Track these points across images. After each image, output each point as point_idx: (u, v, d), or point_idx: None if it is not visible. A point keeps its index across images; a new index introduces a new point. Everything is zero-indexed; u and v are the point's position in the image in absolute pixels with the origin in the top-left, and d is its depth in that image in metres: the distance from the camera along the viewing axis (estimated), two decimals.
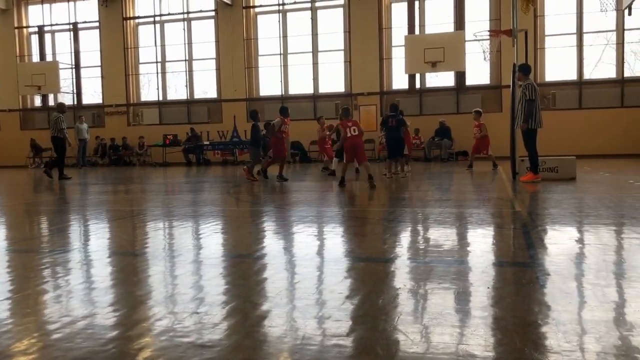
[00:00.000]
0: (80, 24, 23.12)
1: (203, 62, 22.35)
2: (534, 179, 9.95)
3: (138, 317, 2.95)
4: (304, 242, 5.14)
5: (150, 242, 5.43)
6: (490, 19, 19.41)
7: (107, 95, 22.93)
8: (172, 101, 22.75)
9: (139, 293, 3.46)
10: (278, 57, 21.47)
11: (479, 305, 2.99)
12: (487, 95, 19.73)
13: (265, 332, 2.66)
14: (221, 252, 4.84)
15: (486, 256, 4.31)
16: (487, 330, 2.60)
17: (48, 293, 3.50)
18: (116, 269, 4.28)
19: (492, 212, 6.78)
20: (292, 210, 7.43)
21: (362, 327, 2.67)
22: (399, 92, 20.43)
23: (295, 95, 21.46)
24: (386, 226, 5.88)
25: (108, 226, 6.67)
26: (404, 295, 3.20)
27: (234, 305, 3.09)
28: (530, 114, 9.81)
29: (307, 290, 3.36)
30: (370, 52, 20.28)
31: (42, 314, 3.07)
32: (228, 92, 21.67)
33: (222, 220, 6.90)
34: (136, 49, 22.99)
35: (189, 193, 10.15)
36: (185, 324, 2.77)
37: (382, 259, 4.28)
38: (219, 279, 3.82)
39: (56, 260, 4.52)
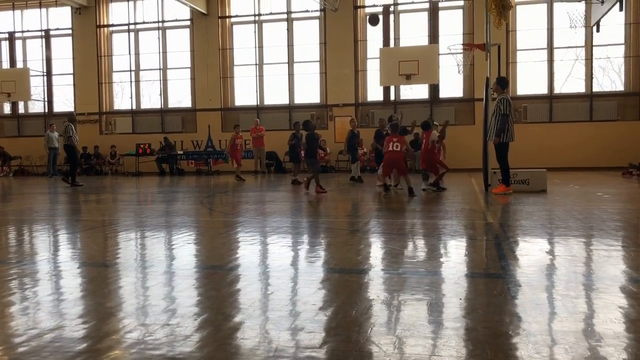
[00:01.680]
0: (52, 30, 22.81)
1: (178, 71, 22.22)
2: (505, 191, 10.09)
3: (108, 329, 2.90)
4: (277, 253, 5.12)
5: (121, 253, 5.34)
6: (464, 33, 19.74)
7: (80, 103, 22.61)
8: (146, 110, 22.53)
9: (109, 305, 3.39)
10: (254, 67, 21.47)
11: (451, 316, 3.01)
12: (460, 107, 20.01)
13: (237, 344, 2.63)
14: (194, 263, 4.79)
15: (459, 267, 4.35)
16: (459, 342, 2.62)
17: (15, 305, 3.41)
18: (86, 280, 4.20)
19: (465, 223, 6.85)
20: (265, 221, 7.40)
21: (336, 339, 2.66)
22: (374, 103, 20.58)
23: (270, 106, 21.45)
24: (360, 237, 5.89)
25: (78, 236, 6.55)
26: (378, 306, 3.21)
27: (206, 317, 3.06)
28: (503, 128, 9.96)
29: (281, 302, 3.34)
30: (345, 63, 20.41)
31: (8, 327, 2.99)
32: (203, 102, 21.56)
33: (195, 230, 6.84)
34: (110, 57, 22.75)
35: (161, 203, 10.03)
36: (156, 336, 2.73)
37: (356, 270, 4.28)
38: (191, 290, 3.77)
39: (24, 271, 4.41)
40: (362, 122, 20.13)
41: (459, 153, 19.01)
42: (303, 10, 20.93)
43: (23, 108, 23.72)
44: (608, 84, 20.12)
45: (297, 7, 20.96)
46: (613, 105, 19.08)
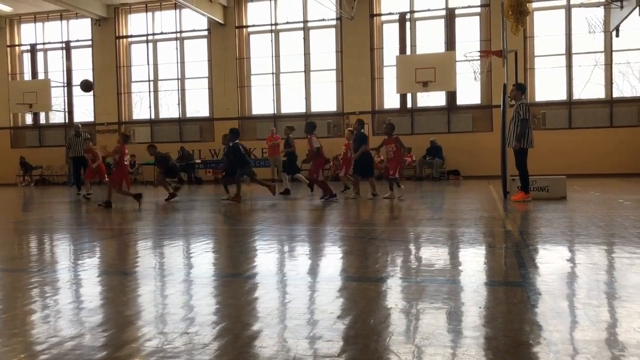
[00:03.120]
0: (72, 42, 23.17)
1: (195, 80, 22.42)
2: (524, 198, 9.99)
3: (127, 337, 2.92)
4: (295, 261, 5.12)
5: (140, 261, 5.38)
6: (481, 40, 19.66)
7: (99, 113, 22.90)
8: (164, 120, 22.75)
9: (128, 313, 3.42)
10: (270, 76, 21.59)
11: (470, 325, 2.98)
12: (477, 114, 19.90)
13: (256, 352, 2.63)
14: (212, 271, 4.81)
15: (478, 275, 4.31)
16: (478, 351, 2.59)
17: (36, 313, 3.45)
18: (105, 289, 4.24)
19: (484, 231, 6.79)
20: (283, 229, 7.41)
21: (354, 348, 2.65)
22: (390, 111, 20.56)
23: (287, 114, 21.53)
24: (378, 245, 5.87)
25: (97, 245, 6.62)
26: (396, 315, 3.19)
27: (224, 326, 3.06)
28: (523, 133, 9.88)
29: (298, 310, 3.34)
30: (361, 71, 20.43)
31: (30, 335, 3.02)
32: (220, 111, 21.71)
33: (212, 239, 6.87)
34: (128, 68, 23.03)
35: (180, 211, 10.10)
36: (175, 344, 2.74)
37: (374, 278, 4.26)
38: (209, 298, 3.78)
39: (45, 280, 4.47)
40: (379, 130, 20.10)
41: (477, 160, 18.91)
42: (319, 19, 21.02)
43: (44, 119, 24.09)
44: (628, 89, 19.88)
45: (314, 15, 21.06)
46: (634, 111, 18.83)
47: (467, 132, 19.71)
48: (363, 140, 11.78)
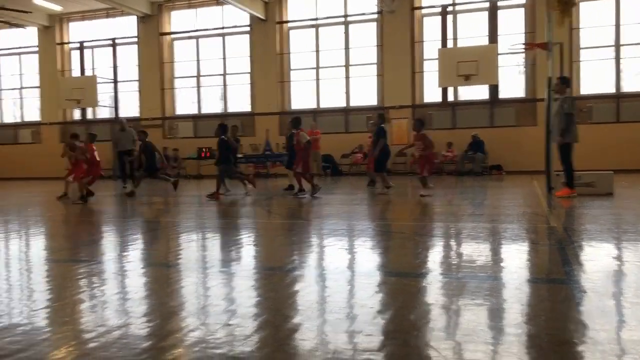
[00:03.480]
0: (118, 39, 23.73)
1: (237, 76, 22.66)
2: (569, 194, 9.75)
3: (171, 327, 3.00)
4: (334, 255, 5.14)
5: (183, 254, 5.50)
6: (525, 32, 19.20)
7: (144, 108, 23.40)
8: (207, 115, 23.09)
9: (172, 304, 3.51)
10: (310, 71, 21.63)
11: (512, 322, 2.94)
12: (521, 108, 19.47)
13: (296, 345, 2.67)
14: (253, 264, 4.88)
15: (520, 272, 4.24)
16: (521, 348, 2.56)
17: (84, 302, 3.58)
18: (150, 280, 4.36)
19: (527, 227, 6.67)
20: (323, 224, 7.44)
21: (394, 343, 2.66)
22: (431, 105, 20.33)
23: (327, 109, 21.55)
24: (418, 240, 5.84)
25: (143, 237, 6.79)
26: (436, 310, 3.17)
27: (265, 318, 3.11)
28: (567, 128, 9.63)
29: (338, 304, 3.36)
30: (402, 65, 20.25)
31: (79, 323, 3.14)
32: (261, 106, 21.89)
33: (253, 232, 6.96)
34: (172, 64, 23.44)
35: (222, 205, 10.26)
36: (217, 335, 2.80)
37: (414, 274, 4.25)
38: (250, 291, 3.85)
39: (92, 270, 4.62)
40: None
41: (521, 155, 18.52)
42: (360, 13, 20.93)
43: (91, 114, 24.78)
44: None
45: (354, 10, 20.97)
46: None
47: (510, 127, 19.31)
48: (381, 135, 11.61)
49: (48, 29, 24.29)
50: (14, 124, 25.36)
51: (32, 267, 4.96)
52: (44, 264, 5.11)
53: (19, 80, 25.42)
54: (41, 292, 3.97)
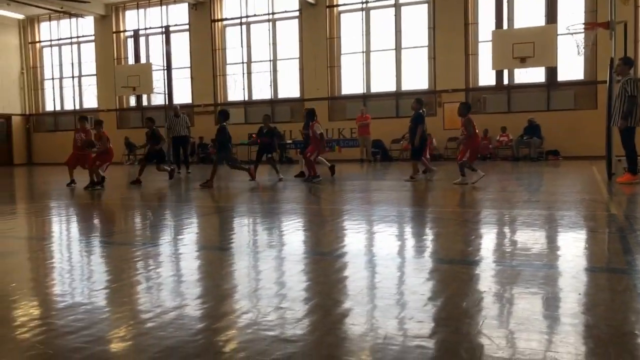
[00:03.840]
0: (171, 27, 24.18)
1: (287, 62, 22.73)
2: (632, 180, 9.36)
3: (225, 310, 3.06)
4: (385, 241, 5.12)
5: (235, 238, 5.60)
6: (585, 11, 18.42)
7: (196, 95, 23.84)
8: (257, 101, 23.31)
9: (225, 287, 3.58)
10: (360, 55, 21.46)
11: (569, 311, 2.86)
12: (580, 91, 18.77)
13: (346, 329, 2.68)
14: (303, 249, 4.92)
15: (577, 261, 4.11)
16: (578, 339, 2.49)
17: (141, 284, 3.70)
18: (204, 263, 4.46)
19: (585, 214, 6.45)
20: (372, 210, 7.41)
21: (445, 330, 2.63)
22: (485, 88, 19.86)
23: (377, 93, 21.37)
24: (470, 227, 5.74)
25: (197, 221, 6.95)
26: (489, 298, 3.12)
27: (315, 302, 3.13)
28: (630, 111, 9.23)
29: (389, 290, 3.35)
30: (455, 48, 19.83)
31: (137, 304, 3.25)
32: (310, 91, 21.91)
33: (303, 217, 7.01)
34: (223, 50, 23.73)
35: (271, 191, 10.37)
36: (269, 318, 2.85)
37: (467, 261, 4.18)
38: (300, 275, 3.88)
39: (148, 253, 4.77)
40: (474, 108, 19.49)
41: (579, 139, 17.90)
42: None
43: (146, 101, 25.43)
44: None
45: None
46: None
47: (568, 110, 18.66)
48: (419, 121, 11.26)
49: (104, 18, 25.00)
50: (74, 111, 26.32)
51: (92, 249, 5.16)
52: (102, 246, 5.31)
53: (78, 69, 26.31)
54: (100, 273, 4.13)
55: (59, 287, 3.69)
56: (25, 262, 4.67)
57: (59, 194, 10.58)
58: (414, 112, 11.37)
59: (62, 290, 3.60)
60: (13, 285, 3.73)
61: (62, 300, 3.32)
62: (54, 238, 5.90)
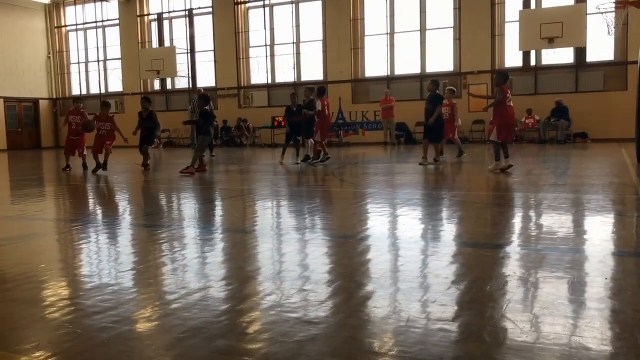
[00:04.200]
0: (194, 10, 24.21)
1: (310, 44, 22.60)
2: None
3: (248, 291, 3.09)
4: (408, 224, 5.10)
5: (259, 220, 5.64)
6: None
7: (220, 78, 23.90)
8: (280, 84, 23.27)
9: (249, 269, 3.61)
10: (384, 36, 21.23)
11: (595, 296, 2.82)
12: (610, 72, 18.32)
13: (369, 312, 2.69)
14: (326, 232, 4.93)
15: (604, 245, 4.05)
16: (603, 323, 2.46)
17: (167, 265, 3.75)
18: (228, 245, 4.50)
19: (613, 198, 6.33)
20: (395, 192, 7.39)
21: (468, 313, 2.62)
22: (511, 70, 19.50)
23: (401, 76, 21.16)
24: (495, 211, 5.69)
25: (221, 204, 7.01)
26: (513, 282, 3.09)
27: (338, 284, 3.15)
28: None
29: (412, 274, 3.35)
30: (481, 28, 19.48)
31: (163, 285, 3.30)
32: (334, 74, 21.79)
33: (326, 200, 7.01)
34: (246, 33, 23.70)
35: (295, 174, 10.39)
36: (292, 300, 2.87)
37: (491, 244, 4.15)
38: (324, 258, 3.89)
39: (174, 235, 4.83)
40: None
41: (608, 121, 17.52)
42: None
43: (170, 84, 25.58)
44: None
45: None
46: None
47: (597, 92, 18.25)
48: (438, 101, 11.10)
49: (129, 2, 25.11)
50: (100, 94, 26.62)
51: (118, 231, 5.24)
52: (129, 228, 5.39)
53: (103, 53, 26.55)
54: (127, 255, 4.20)
55: (87, 268, 3.77)
56: (54, 244, 4.77)
57: (85, 177, 10.76)
58: (430, 93, 11.26)
59: (90, 271, 3.67)
60: (42, 266, 3.82)
61: (90, 281, 3.39)
62: (81, 220, 6.01)
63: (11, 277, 3.51)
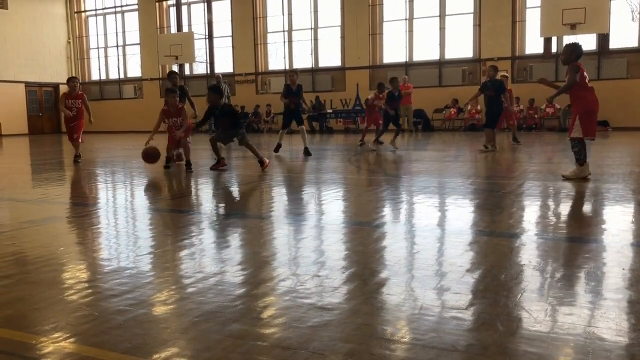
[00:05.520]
0: None
1: (328, 30, 22.47)
2: None
3: (263, 276, 3.12)
4: (424, 212, 5.09)
5: (275, 206, 5.66)
6: None
7: (238, 64, 23.90)
8: (298, 70, 23.20)
9: (264, 254, 3.64)
10: (403, 22, 21.03)
11: (612, 287, 2.80)
12: (634, 59, 17.96)
13: (383, 299, 2.69)
14: (341, 218, 4.94)
15: (623, 235, 4.00)
16: (620, 314, 2.44)
17: (184, 250, 3.80)
18: (244, 231, 4.53)
19: (633, 188, 6.24)
20: (412, 180, 7.36)
21: (482, 302, 2.62)
22: (532, 57, 19.23)
23: (419, 62, 20.98)
24: (513, 199, 5.64)
25: (238, 190, 7.05)
26: (529, 272, 3.08)
27: (353, 271, 3.16)
28: None
29: (426, 261, 3.34)
30: (501, 14, 19.20)
31: (179, 269, 3.34)
32: (351, 60, 21.67)
33: (342, 187, 7.01)
34: (264, 19, 23.63)
35: (311, 160, 10.39)
36: (306, 286, 2.89)
37: (507, 233, 4.12)
38: (339, 244, 3.91)
39: (191, 220, 4.87)
40: (519, 77, 18.96)
41: (631, 110, 17.23)
42: None
43: (188, 70, 25.65)
44: None
45: None
46: None
47: (620, 79, 17.92)
48: (503, 89, 11.15)
49: None
50: (119, 79, 26.79)
51: (137, 215, 5.30)
52: (147, 212, 5.45)
53: (122, 38, 26.68)
54: (145, 239, 4.25)
55: (105, 252, 3.83)
56: (73, 227, 4.84)
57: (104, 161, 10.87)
58: (490, 79, 11.19)
59: (108, 255, 3.73)
60: (61, 249, 3.88)
61: (108, 264, 3.44)
62: (100, 204, 6.09)
63: (31, 259, 3.58)
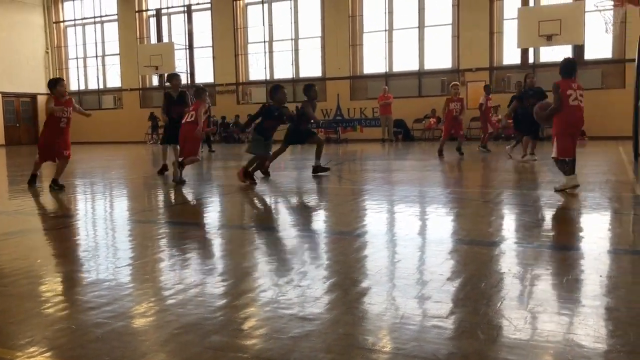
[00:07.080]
0: (193, 5, 24.14)
1: (309, 40, 22.56)
2: None
3: (244, 287, 3.10)
4: (405, 221, 5.11)
5: (256, 217, 5.64)
6: None
7: (218, 74, 23.85)
8: (279, 80, 23.23)
9: (245, 265, 3.62)
10: (383, 33, 21.20)
11: (589, 294, 2.83)
12: (608, 70, 18.33)
13: (364, 308, 2.69)
14: (323, 228, 4.93)
15: (600, 243, 4.06)
16: (597, 321, 2.47)
17: (164, 261, 3.76)
18: (225, 241, 4.50)
19: (610, 196, 6.35)
20: (393, 189, 7.39)
21: (463, 310, 2.63)
22: (510, 67, 19.51)
23: (399, 72, 21.14)
24: (492, 208, 5.70)
25: (218, 200, 7.01)
26: (509, 280, 3.10)
27: (334, 281, 3.15)
28: None
29: (407, 270, 3.35)
30: (480, 26, 19.46)
31: (158, 281, 3.31)
32: (332, 71, 21.76)
33: (323, 197, 7.02)
34: (245, 29, 23.64)
35: (293, 170, 10.39)
36: (288, 296, 2.87)
37: (487, 242, 4.16)
38: (320, 254, 3.90)
39: (171, 231, 4.83)
40: (497, 87, 19.21)
41: (606, 119, 17.53)
42: None
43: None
44: None
45: None
46: None
47: (595, 89, 18.22)
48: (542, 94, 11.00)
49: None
50: (98, 90, 26.56)
51: (116, 226, 5.24)
52: (126, 224, 5.39)
53: (101, 48, 26.48)
54: (124, 250, 4.20)
55: (83, 264, 3.77)
56: (51, 239, 4.77)
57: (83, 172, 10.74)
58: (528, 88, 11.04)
59: (86, 267, 3.67)
60: (39, 262, 3.82)
61: (86, 276, 3.39)
62: (79, 215, 6.01)
63: (8, 272, 3.51)
